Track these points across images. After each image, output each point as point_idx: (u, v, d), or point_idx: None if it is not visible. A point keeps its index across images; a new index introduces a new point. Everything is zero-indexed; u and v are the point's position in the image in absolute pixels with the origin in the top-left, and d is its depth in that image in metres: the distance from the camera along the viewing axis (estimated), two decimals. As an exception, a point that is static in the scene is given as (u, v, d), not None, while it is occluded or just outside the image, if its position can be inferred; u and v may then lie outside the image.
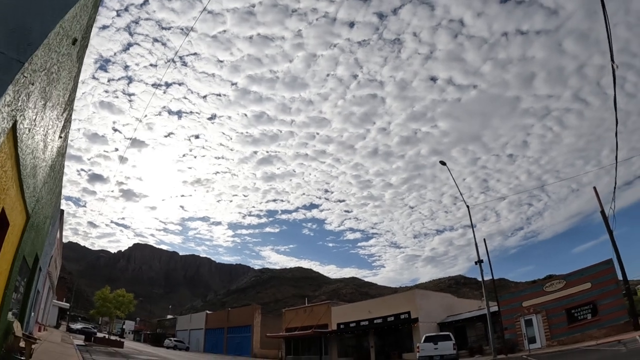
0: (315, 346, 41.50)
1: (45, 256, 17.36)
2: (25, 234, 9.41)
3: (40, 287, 18.61)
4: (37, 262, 14.26)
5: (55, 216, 17.35)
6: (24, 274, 11.60)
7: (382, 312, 35.11)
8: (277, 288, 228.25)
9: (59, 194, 15.52)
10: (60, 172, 13.38)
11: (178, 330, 73.14)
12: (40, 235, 12.87)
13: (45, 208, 12.12)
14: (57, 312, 56.07)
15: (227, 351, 54.65)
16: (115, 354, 21.94)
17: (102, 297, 34.04)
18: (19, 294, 11.39)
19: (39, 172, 8.90)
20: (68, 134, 11.90)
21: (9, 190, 6.81)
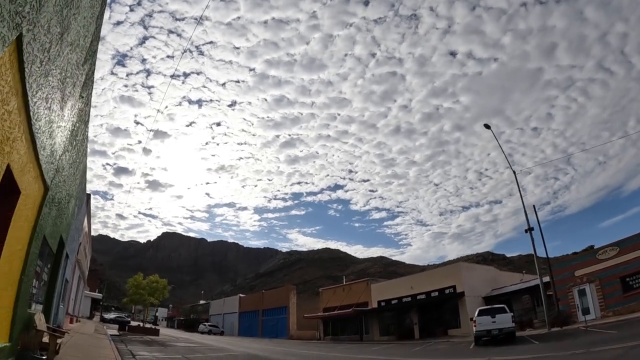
0: (354, 325, 40.86)
1: (72, 242, 16.38)
2: (44, 210, 8.05)
3: (68, 276, 17.75)
4: (63, 247, 13.15)
5: (82, 198, 16.30)
6: (47, 259, 10.39)
7: (425, 287, 34.38)
8: (305, 270, 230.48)
9: (83, 172, 14.35)
10: (83, 144, 12.08)
11: (211, 315, 74.91)
12: (65, 217, 11.66)
13: (69, 184, 10.84)
14: (89, 303, 57.35)
15: (263, 334, 54.83)
16: (152, 343, 21.21)
17: (135, 284, 33.54)
18: (42, 281, 10.19)
19: (57, 132, 7.45)
20: (90, 97, 10.50)
21: (16, 143, 5.31)
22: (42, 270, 10.05)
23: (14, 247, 6.55)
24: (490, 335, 18.66)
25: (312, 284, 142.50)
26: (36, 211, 7.74)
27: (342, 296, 43.93)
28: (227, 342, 30.18)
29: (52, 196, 8.74)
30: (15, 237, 6.51)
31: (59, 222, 10.80)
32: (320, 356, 18.80)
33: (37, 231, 7.88)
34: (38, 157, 6.68)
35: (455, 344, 22.45)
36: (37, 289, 9.64)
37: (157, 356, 14.04)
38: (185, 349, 18.95)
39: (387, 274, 49.61)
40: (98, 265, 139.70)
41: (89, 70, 9.14)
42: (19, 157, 5.71)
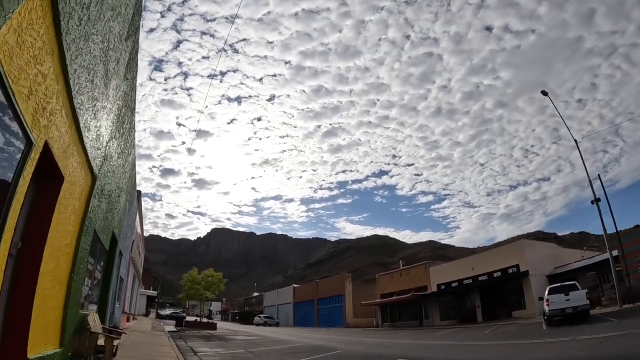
0: (413, 311, 40.40)
1: (126, 239, 16.23)
2: (93, 202, 7.42)
3: (123, 274, 17.71)
4: (116, 244, 12.82)
5: (132, 194, 16.08)
6: (100, 257, 9.93)
7: (487, 268, 33.16)
8: (354, 258, 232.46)
9: (133, 166, 14.01)
10: (131, 135, 11.59)
11: (266, 307, 77.08)
12: (116, 212, 11.23)
13: (119, 176, 10.34)
14: (145, 300, 59.44)
15: (319, 323, 55.33)
16: (211, 338, 21.20)
17: (190, 280, 33.99)
18: (95, 280, 9.75)
19: (102, 114, 6.73)
20: (135, 82, 9.89)
21: (55, 117, 4.53)
22: (95, 269, 9.60)
23: (61, 241, 5.89)
24: (563, 315, 17.51)
25: (362, 271, 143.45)
26: (84, 203, 7.12)
27: (400, 281, 43.12)
28: (286, 334, 30.10)
29: (101, 187, 8.15)
30: (62, 230, 5.84)
31: (110, 217, 10.34)
32: (388, 344, 17.96)
33: (86, 225, 7.28)
34: (82, 140, 5.98)
35: (524, 326, 21.47)
36: (90, 288, 9.18)
37: (219, 352, 13.57)
38: (246, 343, 18.62)
39: (437, 258, 48.66)
40: (151, 264, 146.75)
41: (132, 50, 8.48)
42: (60, 136, 4.96)
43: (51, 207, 5.29)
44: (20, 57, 3.57)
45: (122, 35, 7.28)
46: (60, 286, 6.05)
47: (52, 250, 5.48)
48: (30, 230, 5.03)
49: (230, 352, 13.88)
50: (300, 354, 13.49)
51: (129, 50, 8.17)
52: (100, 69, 6.16)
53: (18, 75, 3.59)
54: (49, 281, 5.40)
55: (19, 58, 3.55)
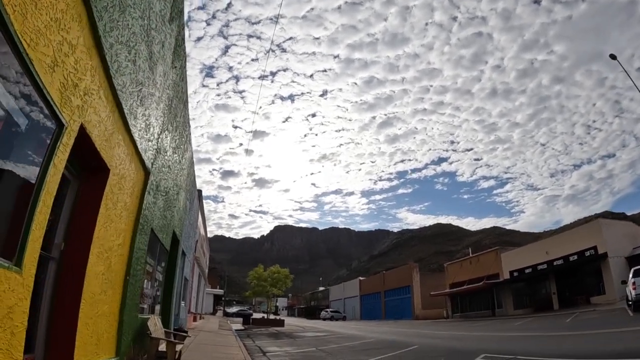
0: (485, 300, 38.73)
1: (188, 239, 16.22)
2: (148, 198, 6.97)
3: (187, 274, 17.81)
4: (178, 243, 12.65)
5: (192, 192, 16.01)
6: (160, 257, 9.65)
7: (562, 251, 31.00)
8: (418, 247, 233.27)
9: (190, 163, 13.83)
10: (185, 129, 11.27)
11: (332, 301, 78.05)
12: (175, 210, 10.97)
13: (175, 172, 10.00)
14: (212, 299, 61.58)
15: (386, 315, 54.91)
16: (279, 335, 20.93)
17: (256, 276, 34.42)
18: (156, 281, 9.47)
19: (149, 101, 6.20)
20: (184, 72, 9.46)
21: (91, 97, 3.95)
22: (155, 269, 9.32)
23: (112, 241, 5.42)
24: None
25: (426, 261, 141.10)
26: (137, 199, 6.70)
27: (470, 269, 41.63)
28: (354, 328, 29.45)
29: (155, 182, 7.75)
30: (112, 228, 5.38)
31: (169, 215, 10.05)
32: (464, 337, 17.12)
33: (141, 223, 6.85)
34: (129, 128, 5.46)
35: (607, 313, 20.07)
36: (150, 290, 8.88)
37: (288, 351, 13.03)
38: (315, 340, 18.13)
39: (502, 244, 46.65)
40: (217, 263, 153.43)
41: (178, 35, 7.97)
42: (100, 121, 4.40)
43: (96, 202, 4.80)
44: (37, 17, 2.97)
45: (165, 16, 6.76)
46: (113, 290, 5.61)
47: (101, 251, 5.00)
48: (74, 229, 4.56)
49: (300, 350, 13.35)
50: (374, 351, 12.67)
51: (174, 35, 7.68)
52: (143, 50, 5.63)
53: (35, 39, 2.99)
54: (98, 285, 4.92)
55: (34, 18, 2.94)
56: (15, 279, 2.91)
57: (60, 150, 3.56)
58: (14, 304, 2.90)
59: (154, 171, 7.52)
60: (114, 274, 5.66)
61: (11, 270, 2.85)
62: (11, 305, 2.86)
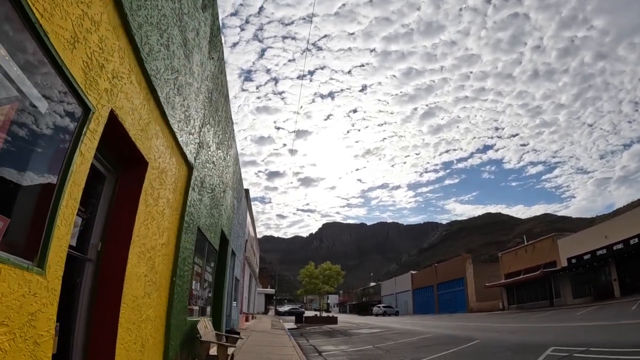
0: (542, 290, 37.39)
1: (237, 238, 16.12)
2: (192, 195, 6.66)
3: (238, 275, 17.75)
4: (227, 243, 12.48)
5: (239, 191, 15.88)
6: (208, 257, 9.43)
7: (622, 234, 28.82)
8: (468, 239, 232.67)
9: (236, 160, 13.65)
10: (229, 125, 11.01)
11: (383, 296, 78.44)
12: (223, 208, 10.77)
13: (220, 168, 9.76)
14: (263, 298, 62.51)
15: (439, 309, 54.32)
16: (334, 333, 20.67)
17: (307, 274, 34.48)
18: (205, 282, 9.25)
19: (187, 90, 5.87)
20: (222, 64, 9.15)
21: (121, 81, 3.60)
22: (204, 270, 9.09)
23: (154, 240, 5.12)
24: None
25: (477, 252, 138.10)
26: (181, 195, 6.40)
27: (526, 258, 40.10)
28: (409, 323, 29.11)
29: (200, 178, 7.47)
30: (153, 226, 5.07)
31: (216, 213, 9.83)
32: (527, 329, 16.39)
33: (186, 221, 6.56)
34: (167, 119, 5.12)
35: None
36: (199, 291, 8.65)
37: (345, 350, 12.66)
38: (371, 337, 17.64)
39: (554, 231, 44.80)
40: (267, 263, 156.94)
41: (212, 25, 7.61)
42: (133, 108, 4.06)
43: (135, 198, 4.48)
44: (49, -17, 2.60)
45: (197, 2, 6.41)
46: (158, 292, 5.31)
47: (143, 251, 4.69)
48: (112, 228, 4.25)
49: (356, 349, 12.97)
50: (435, 347, 12.08)
51: (209, 24, 7.31)
52: (176, 35, 5.27)
53: (50, 10, 2.62)
54: (141, 287, 4.61)
55: (46, -17, 2.57)
56: (37, 281, 2.56)
57: (88, 138, 3.21)
58: (37, 310, 2.55)
59: (198, 166, 7.23)
60: (159, 276, 5.36)
61: (31, 272, 2.50)
62: (33, 311, 2.51)
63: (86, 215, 4.00)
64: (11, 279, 2.31)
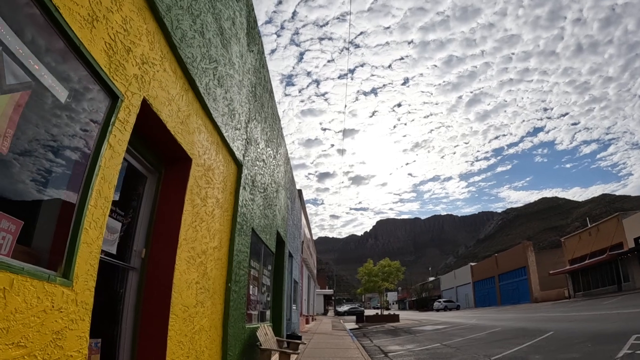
0: (609, 274, 35.40)
1: (294, 240, 15.83)
2: (243, 194, 6.33)
3: (297, 277, 17.47)
4: (283, 245, 12.17)
5: (292, 191, 15.57)
6: (265, 260, 9.09)
7: None
8: (525, 226, 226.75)
9: (286, 159, 13.30)
10: (276, 122, 10.66)
11: (443, 290, 77.23)
12: (277, 209, 10.42)
13: (271, 167, 9.43)
14: (322, 299, 62.58)
15: (502, 301, 53.04)
16: (397, 331, 20.14)
17: (366, 272, 34.03)
18: (263, 286, 8.91)
19: (229, 82, 5.50)
20: (263, 58, 8.75)
21: (153, 67, 3.23)
22: (261, 273, 8.75)
23: (205, 243, 4.75)
24: None
25: (536, 239, 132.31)
26: (231, 195, 6.06)
27: (590, 241, 38.18)
28: (474, 317, 28.04)
29: (250, 177, 7.10)
30: (203, 229, 4.71)
31: (270, 214, 9.49)
32: (602, 317, 15.48)
33: (239, 222, 6.20)
34: (209, 112, 4.75)
35: None
36: (258, 296, 8.30)
37: (411, 349, 12.11)
38: (437, 334, 16.97)
39: (613, 212, 41.49)
40: (324, 264, 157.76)
41: (248, 16, 7.21)
42: (169, 98, 3.69)
43: (179, 197, 4.13)
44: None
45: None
46: (212, 300, 4.95)
47: (192, 256, 4.33)
48: (157, 233, 3.91)
49: (423, 347, 12.35)
50: (507, 341, 11.45)
51: (244, 15, 6.90)
52: (210, 21, 4.89)
53: (59, -20, 2.25)
54: (192, 295, 4.25)
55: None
56: (62, 294, 2.19)
57: (118, 128, 2.84)
58: (64, 327, 2.18)
59: (247, 164, 6.87)
60: (212, 282, 5.00)
61: (54, 283, 2.13)
62: (59, 329, 2.14)
63: (127, 220, 3.68)
64: (27, 291, 1.94)
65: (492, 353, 9.44)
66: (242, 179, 6.53)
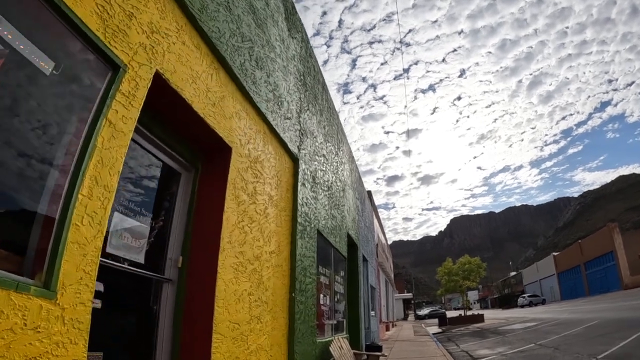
0: None
1: (367, 243, 15.02)
2: (303, 192, 5.72)
3: (373, 282, 16.57)
4: (356, 248, 11.43)
5: (361, 192, 14.77)
6: (336, 265, 8.39)
7: None
8: (606, 209, 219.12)
9: (350, 156, 12.55)
10: (333, 115, 10.01)
11: (526, 285, 73.72)
12: (345, 209, 9.74)
13: (333, 164, 8.78)
14: (401, 304, 60.76)
15: (590, 291, 48.67)
16: (483, 333, 18.56)
17: (445, 271, 32.37)
18: (335, 294, 8.19)
19: (272, 66, 4.92)
20: (308, 44, 8.09)
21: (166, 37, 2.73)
22: (333, 280, 8.05)
23: (258, 247, 4.17)
24: None
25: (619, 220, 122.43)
26: (288, 192, 5.48)
27: None
28: (565, 311, 26.12)
29: (309, 173, 6.47)
30: (254, 230, 4.10)
31: (338, 214, 8.81)
32: None
33: (300, 223, 5.59)
34: (249, 96, 4.18)
35: None
36: (330, 305, 7.60)
37: (503, 352, 10.83)
38: (527, 333, 15.35)
39: None
40: (401, 268, 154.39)
41: (285, 0, 6.59)
42: (194, 75, 3.16)
43: (219, 193, 3.56)
44: None
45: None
46: (273, 313, 4.34)
47: (241, 262, 3.75)
48: (195, 237, 3.37)
49: (517, 349, 11.01)
50: (609, 336, 10.39)
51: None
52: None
53: None
54: (244, 310, 3.65)
55: None
56: (40, 308, 1.64)
57: (120, 103, 2.32)
58: (44, 351, 1.61)
59: (304, 158, 6.25)
60: (270, 292, 4.38)
61: (26, 294, 1.58)
62: (36, 355, 1.57)
63: (158, 224, 3.16)
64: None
65: (596, 351, 8.34)
66: (300, 174, 5.91)
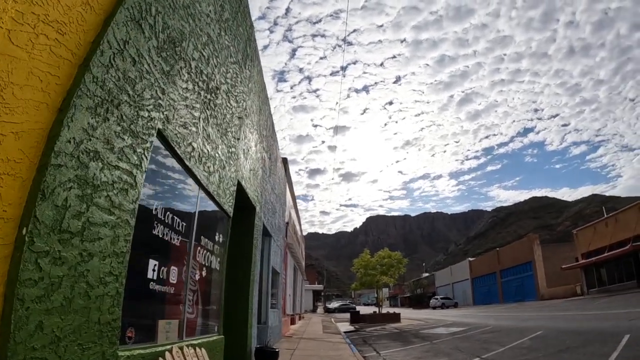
0: (627, 269, 33.08)
1: (274, 215, 11.84)
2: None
3: (277, 265, 13.39)
4: (252, 211, 8.14)
5: (272, 145, 11.45)
6: (207, 221, 4.98)
7: None
8: (517, 224, 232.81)
9: (264, 93, 9.13)
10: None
11: (438, 287, 76.36)
12: (241, 148, 6.29)
13: (231, 71, 5.23)
14: (311, 295, 59.31)
15: (504, 298, 50.93)
16: (405, 336, 16.07)
17: (362, 264, 30.35)
18: (201, 269, 4.80)
19: None
20: None
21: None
22: (196, 245, 4.66)
23: None
24: None
25: None
26: None
27: (607, 233, 35.86)
28: (487, 316, 25.54)
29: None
30: None
31: (220, 141, 5.39)
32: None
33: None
34: None
35: None
36: (168, 290, 4.17)
37: None
38: (459, 340, 13.19)
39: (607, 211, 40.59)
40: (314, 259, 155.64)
41: None
42: None
43: None
44: None
45: None
46: None
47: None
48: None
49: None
50: (575, 350, 8.55)
51: None
52: None
53: None
54: None
55: None
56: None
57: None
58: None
59: None
60: None
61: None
62: None
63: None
64: None
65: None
66: None
